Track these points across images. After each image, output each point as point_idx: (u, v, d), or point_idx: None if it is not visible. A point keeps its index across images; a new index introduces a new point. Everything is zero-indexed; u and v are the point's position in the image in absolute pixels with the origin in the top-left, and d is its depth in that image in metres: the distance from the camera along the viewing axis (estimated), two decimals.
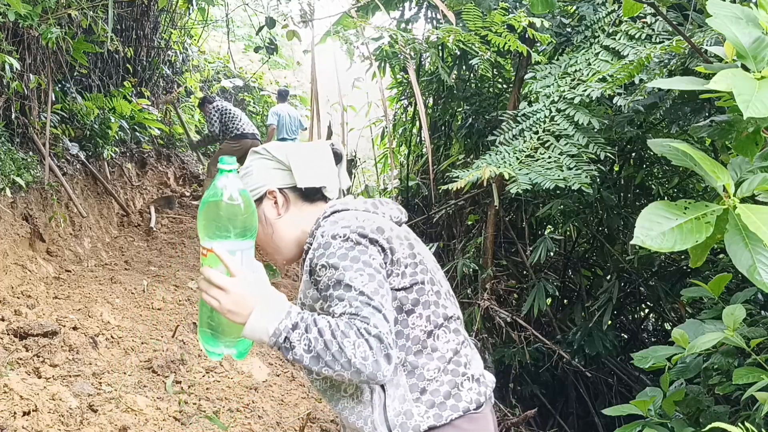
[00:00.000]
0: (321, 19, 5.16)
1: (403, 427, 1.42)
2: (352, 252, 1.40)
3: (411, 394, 1.44)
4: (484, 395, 1.51)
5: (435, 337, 1.49)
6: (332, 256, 1.40)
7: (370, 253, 1.42)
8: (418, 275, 1.48)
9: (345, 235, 1.42)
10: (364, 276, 1.36)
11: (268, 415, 3.46)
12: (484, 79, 5.41)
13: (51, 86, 5.02)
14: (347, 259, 1.39)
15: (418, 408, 1.43)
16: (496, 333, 4.72)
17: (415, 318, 1.47)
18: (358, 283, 1.35)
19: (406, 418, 1.43)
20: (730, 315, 2.20)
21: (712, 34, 2.81)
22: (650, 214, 1.47)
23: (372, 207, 1.58)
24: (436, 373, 1.46)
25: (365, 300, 1.33)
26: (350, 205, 1.56)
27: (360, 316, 1.30)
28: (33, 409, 2.72)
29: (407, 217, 1.66)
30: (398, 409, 1.43)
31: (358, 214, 1.51)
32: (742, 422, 1.83)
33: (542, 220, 5.22)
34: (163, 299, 4.52)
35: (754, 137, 1.65)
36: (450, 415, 1.44)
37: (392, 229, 1.51)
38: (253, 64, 11.25)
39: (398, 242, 1.48)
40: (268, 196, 1.57)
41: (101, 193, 6.08)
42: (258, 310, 1.32)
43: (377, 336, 1.28)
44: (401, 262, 1.47)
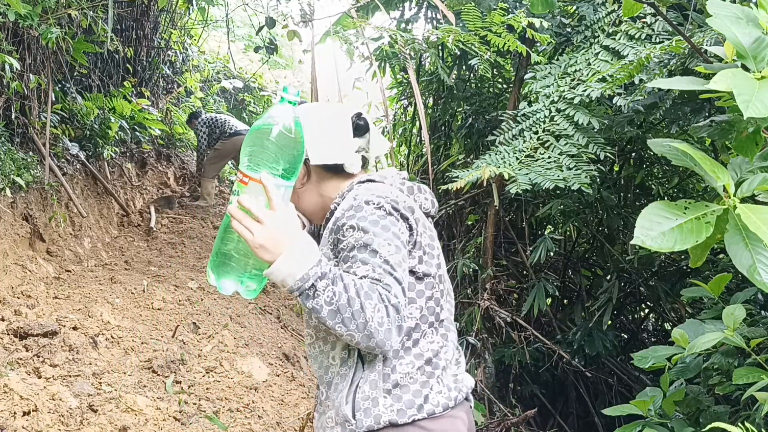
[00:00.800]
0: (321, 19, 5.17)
1: (366, 413, 1.42)
2: (383, 220, 1.40)
3: (383, 384, 1.43)
4: (454, 400, 1.48)
5: (421, 333, 1.48)
6: (363, 219, 1.39)
7: (400, 227, 1.42)
8: (432, 268, 1.49)
9: (379, 203, 1.42)
10: (391, 246, 1.37)
11: (268, 415, 3.46)
12: (484, 79, 5.41)
13: (51, 86, 5.02)
14: (378, 225, 1.39)
15: (385, 399, 1.42)
16: (496, 333, 4.72)
17: (412, 308, 1.47)
18: (385, 251, 1.35)
19: (371, 404, 1.42)
20: (730, 315, 2.20)
21: (712, 34, 2.81)
22: (650, 214, 1.47)
23: (408, 191, 1.58)
24: (409, 368, 1.45)
25: (389, 269, 1.33)
26: (387, 180, 1.56)
27: (383, 283, 1.30)
28: (33, 409, 2.72)
29: (436, 213, 1.66)
30: (367, 393, 1.43)
31: (393, 190, 1.50)
32: (742, 422, 1.83)
33: (542, 220, 5.22)
34: (163, 299, 4.52)
35: (754, 137, 1.65)
36: (414, 414, 1.42)
37: (418, 216, 1.51)
38: (253, 64, 11.25)
39: (423, 228, 1.49)
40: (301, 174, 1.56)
41: (101, 193, 6.08)
42: (290, 251, 1.28)
43: (395, 306, 1.30)
44: (422, 247, 1.47)
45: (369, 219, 1.39)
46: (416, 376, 1.45)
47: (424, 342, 1.48)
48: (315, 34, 5.11)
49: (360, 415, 1.41)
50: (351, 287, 1.27)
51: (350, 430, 1.42)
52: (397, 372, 1.44)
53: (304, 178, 1.56)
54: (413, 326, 1.47)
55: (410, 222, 1.45)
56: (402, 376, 1.44)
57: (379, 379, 1.43)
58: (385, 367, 1.44)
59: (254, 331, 4.57)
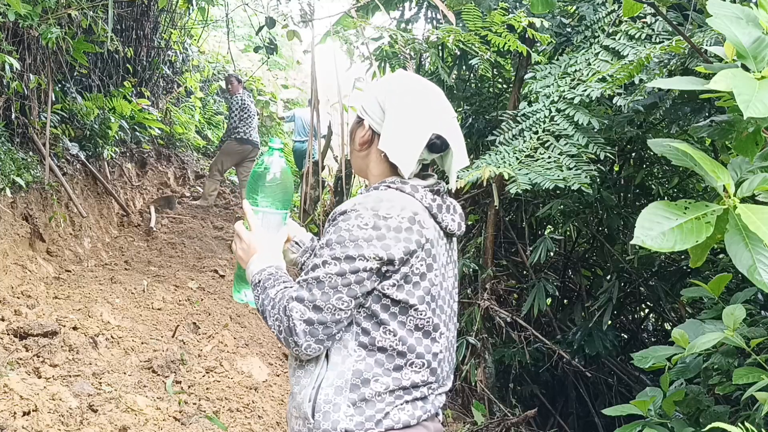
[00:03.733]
0: (321, 19, 5.16)
1: (325, 416, 1.43)
2: (362, 241, 1.41)
3: (349, 393, 1.43)
4: (417, 419, 1.47)
5: (408, 363, 1.46)
6: (339, 229, 1.44)
7: (379, 251, 1.40)
8: (413, 299, 1.45)
9: (367, 223, 1.42)
10: (339, 267, 1.41)
11: (268, 415, 3.46)
12: (484, 79, 5.41)
13: (51, 86, 5.02)
14: (345, 241, 1.42)
15: (348, 408, 1.42)
16: (496, 333, 4.72)
17: (388, 331, 1.45)
18: (324, 270, 1.42)
19: (332, 409, 1.43)
20: (730, 315, 2.20)
21: (712, 34, 2.81)
22: (650, 214, 1.47)
23: (436, 208, 1.53)
24: (382, 388, 1.44)
25: (310, 286, 1.43)
26: (418, 194, 1.51)
27: (292, 295, 1.44)
28: (33, 409, 2.72)
29: (462, 232, 1.63)
30: (330, 397, 1.43)
31: (413, 208, 1.47)
32: (742, 422, 1.83)
33: (542, 220, 5.22)
34: (163, 299, 4.52)
35: (754, 137, 1.65)
36: (371, 428, 1.42)
37: (425, 241, 1.46)
38: (253, 64, 11.25)
39: (419, 258, 1.45)
40: (365, 125, 1.58)
41: (101, 193, 6.08)
42: (252, 260, 1.60)
43: (289, 318, 1.42)
44: (403, 274, 1.44)
45: (353, 231, 1.42)
46: (389, 399, 1.44)
47: (408, 371, 1.46)
48: (315, 34, 5.12)
49: (319, 416, 1.43)
50: (267, 300, 1.50)
51: (308, 427, 1.46)
52: (369, 386, 1.43)
53: (365, 144, 1.59)
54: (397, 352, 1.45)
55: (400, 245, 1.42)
56: (372, 393, 1.43)
57: (346, 388, 1.43)
58: (355, 378, 1.44)
59: (254, 331, 4.57)
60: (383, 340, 1.44)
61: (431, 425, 1.52)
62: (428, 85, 1.60)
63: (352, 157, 1.68)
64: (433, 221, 1.51)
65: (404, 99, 1.53)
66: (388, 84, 1.57)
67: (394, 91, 1.55)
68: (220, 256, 5.88)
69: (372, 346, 1.44)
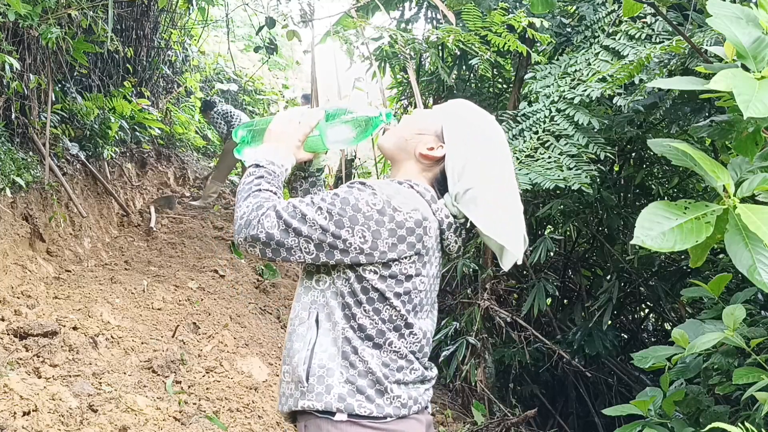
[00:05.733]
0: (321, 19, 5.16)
1: (320, 380, 1.46)
2: (362, 217, 1.43)
3: (341, 360, 1.47)
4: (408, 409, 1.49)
5: (387, 342, 1.49)
6: (356, 199, 1.45)
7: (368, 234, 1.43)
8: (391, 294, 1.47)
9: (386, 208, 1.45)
10: (325, 212, 1.44)
11: (268, 415, 3.46)
12: (484, 79, 5.41)
13: (51, 86, 5.02)
14: (355, 212, 1.44)
15: (341, 374, 1.46)
16: (496, 333, 4.72)
17: (365, 310, 1.47)
18: (312, 207, 1.46)
19: (326, 374, 1.46)
20: (730, 315, 2.20)
21: (712, 34, 2.81)
22: (650, 214, 1.48)
23: (447, 227, 1.54)
24: (369, 358, 1.47)
25: (293, 212, 1.46)
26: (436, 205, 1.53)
27: (274, 206, 1.48)
28: (33, 409, 2.72)
29: (459, 254, 1.66)
30: (324, 362, 1.46)
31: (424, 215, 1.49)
32: (742, 422, 1.83)
33: (542, 220, 5.22)
34: (163, 299, 4.52)
35: (754, 137, 1.65)
36: (363, 404, 1.44)
37: (424, 250, 1.49)
38: (253, 64, 11.25)
39: (410, 261, 1.47)
40: (437, 145, 1.58)
41: (101, 193, 6.08)
42: (279, 143, 1.65)
43: (257, 217, 1.47)
44: (390, 269, 1.46)
45: (359, 203, 1.45)
46: (375, 367, 1.46)
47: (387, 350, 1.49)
48: (315, 34, 5.11)
49: (313, 380, 1.46)
50: (255, 188, 1.54)
51: (301, 390, 1.48)
52: (357, 355, 1.47)
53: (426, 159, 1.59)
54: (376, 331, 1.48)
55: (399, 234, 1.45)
56: (361, 361, 1.46)
57: (338, 356, 1.47)
58: (345, 345, 1.47)
59: (254, 331, 4.57)
60: (362, 317, 1.48)
61: (423, 418, 1.54)
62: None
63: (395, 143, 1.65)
64: (437, 234, 1.53)
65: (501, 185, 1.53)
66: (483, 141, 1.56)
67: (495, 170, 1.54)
68: (220, 256, 5.88)
69: (354, 320, 1.48)
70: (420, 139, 1.60)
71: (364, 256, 1.45)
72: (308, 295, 1.54)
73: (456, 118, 1.60)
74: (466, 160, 1.52)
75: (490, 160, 1.53)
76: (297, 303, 1.57)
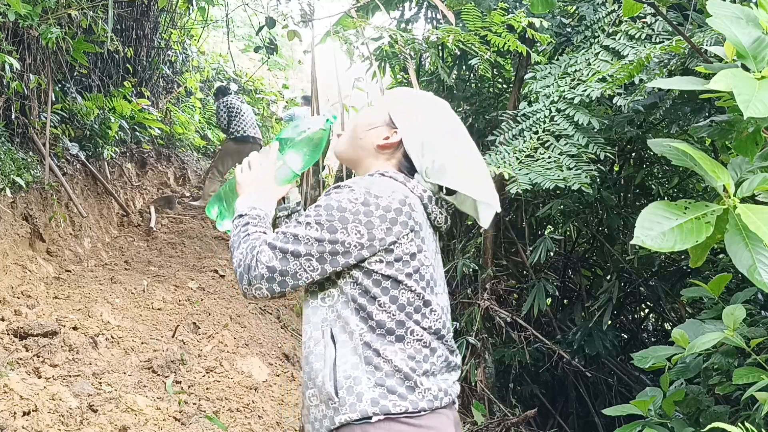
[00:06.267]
0: (321, 19, 5.15)
1: (349, 390, 1.44)
2: (349, 214, 1.45)
3: (364, 366, 1.45)
4: (440, 401, 1.49)
5: (408, 331, 1.48)
6: (337, 201, 1.47)
7: (361, 228, 1.45)
8: (402, 275, 1.48)
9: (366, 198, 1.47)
10: (317, 228, 1.45)
11: (268, 415, 3.46)
12: (484, 79, 5.41)
13: (51, 86, 5.02)
14: (332, 209, 1.46)
15: (369, 380, 1.44)
16: (496, 333, 4.72)
17: (381, 304, 1.47)
18: (301, 227, 1.47)
19: (354, 383, 1.44)
20: (730, 315, 2.20)
21: (712, 34, 2.81)
22: (650, 214, 1.48)
23: (428, 200, 1.58)
24: (393, 356, 1.46)
25: (285, 238, 1.48)
26: (410, 183, 1.57)
27: (265, 240, 1.51)
28: (33, 409, 2.72)
29: (447, 228, 1.68)
30: (348, 372, 1.45)
31: (405, 195, 1.52)
32: (742, 422, 1.83)
33: (542, 220, 5.22)
34: (163, 299, 4.52)
35: (754, 137, 1.65)
36: (397, 402, 1.43)
37: (417, 226, 1.51)
38: (253, 64, 11.25)
39: (408, 239, 1.49)
40: (391, 131, 1.62)
41: (101, 193, 6.08)
42: (250, 192, 1.69)
43: (254, 258, 1.49)
44: (394, 254, 1.47)
45: (342, 203, 1.46)
46: (400, 364, 1.46)
47: (410, 339, 1.49)
48: (315, 34, 5.11)
49: (343, 393, 1.44)
50: (242, 233, 1.57)
51: (333, 407, 1.45)
52: (380, 356, 1.46)
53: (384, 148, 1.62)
54: (397, 323, 1.48)
55: (386, 224, 1.46)
56: (385, 361, 1.45)
57: (361, 362, 1.45)
58: (366, 351, 1.46)
59: (254, 331, 4.57)
60: (379, 313, 1.47)
61: (451, 414, 1.54)
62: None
63: (351, 145, 1.68)
64: (422, 209, 1.56)
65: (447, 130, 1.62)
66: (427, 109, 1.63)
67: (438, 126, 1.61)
68: (220, 256, 5.88)
69: (371, 320, 1.47)
70: (373, 133, 1.63)
71: (366, 249, 1.46)
72: (317, 314, 1.53)
73: (399, 102, 1.66)
74: (423, 135, 1.58)
75: (443, 128, 1.61)
76: (307, 325, 1.56)
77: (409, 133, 1.59)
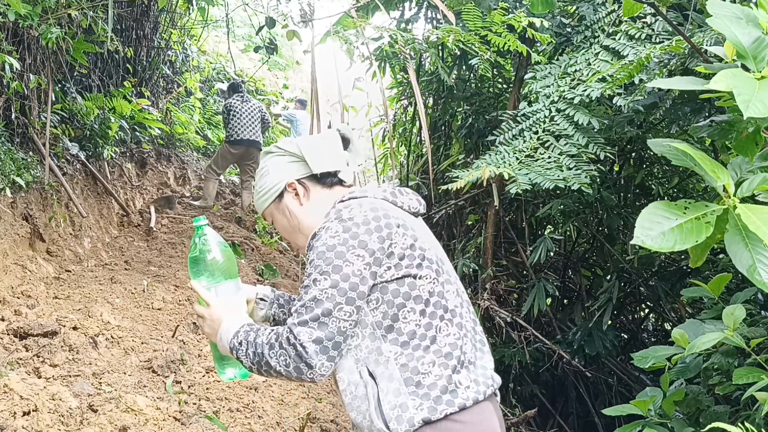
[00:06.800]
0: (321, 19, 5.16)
1: (399, 420, 1.44)
2: (340, 247, 1.46)
3: (406, 388, 1.46)
4: (483, 394, 1.50)
5: (437, 329, 1.50)
6: (323, 243, 1.48)
7: (358, 251, 1.46)
8: (413, 269, 1.49)
9: (344, 225, 1.49)
10: (330, 279, 1.45)
11: (268, 415, 3.46)
12: (484, 79, 5.41)
13: (51, 86, 5.02)
14: (333, 250, 1.47)
15: (414, 401, 1.45)
16: (496, 333, 4.72)
17: (407, 312, 1.48)
18: (317, 289, 1.45)
19: (401, 410, 1.45)
20: (730, 315, 2.20)
21: (712, 34, 2.81)
22: (650, 214, 1.47)
23: (391, 195, 1.63)
24: (431, 367, 1.47)
25: (310, 308, 1.45)
26: (369, 192, 1.62)
27: (290, 324, 1.46)
28: (33, 409, 2.72)
29: (425, 209, 1.70)
30: (393, 402, 1.46)
31: (371, 203, 1.55)
32: (742, 422, 1.83)
33: (542, 220, 5.22)
34: (163, 299, 4.51)
35: (754, 137, 1.65)
36: (445, 409, 1.44)
37: (400, 220, 1.53)
38: (253, 64, 11.25)
39: (400, 234, 1.50)
40: (288, 189, 1.67)
41: (101, 193, 6.08)
42: (220, 330, 1.60)
43: (294, 346, 1.44)
44: (396, 254, 1.49)
45: (328, 243, 1.47)
46: (438, 371, 1.47)
47: (441, 337, 1.50)
48: (315, 34, 5.11)
49: (393, 424, 1.45)
50: (260, 345, 1.50)
51: None
52: (419, 372, 1.46)
53: (304, 197, 1.66)
54: (425, 326, 1.49)
55: (380, 234, 1.48)
56: (424, 375, 1.46)
57: (402, 386, 1.46)
58: (404, 373, 1.46)
59: None
60: (407, 324, 1.48)
61: (491, 405, 1.54)
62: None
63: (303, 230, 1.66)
64: (394, 207, 1.60)
65: (306, 138, 1.73)
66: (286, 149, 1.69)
67: (292, 140, 1.71)
68: None
69: (402, 335, 1.48)
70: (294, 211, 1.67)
71: (374, 264, 1.47)
72: (348, 359, 1.51)
73: (261, 183, 1.71)
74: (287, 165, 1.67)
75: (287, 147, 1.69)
76: (341, 373, 1.53)
77: (286, 173, 1.66)
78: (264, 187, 1.69)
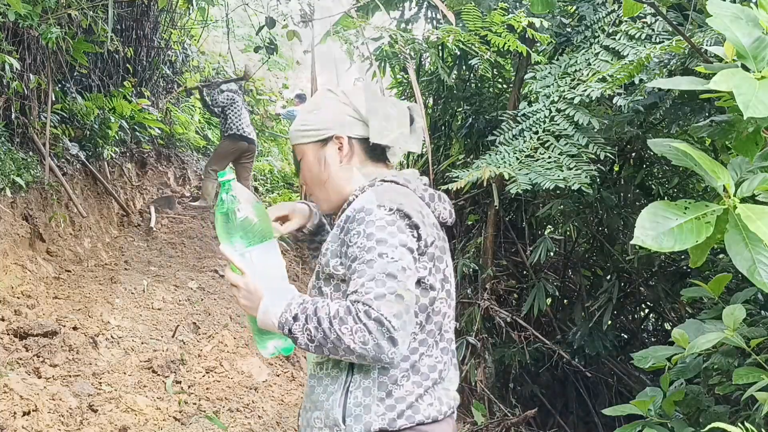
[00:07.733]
0: (321, 19, 5.15)
1: (357, 419, 1.40)
2: (391, 226, 1.38)
3: (378, 391, 1.42)
4: (443, 414, 1.48)
5: (426, 346, 1.46)
6: (371, 224, 1.38)
7: (408, 235, 1.40)
8: (437, 283, 1.46)
9: (391, 208, 1.40)
10: (395, 253, 1.35)
11: (268, 415, 3.46)
12: (484, 79, 5.41)
13: (51, 86, 5.02)
14: (384, 231, 1.37)
15: (378, 407, 1.41)
16: (496, 333, 4.72)
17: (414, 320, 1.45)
18: (383, 261, 1.33)
19: (363, 411, 1.41)
20: (730, 315, 2.20)
21: (712, 34, 2.81)
22: (650, 214, 1.47)
23: (429, 197, 1.56)
24: (405, 381, 1.43)
25: (381, 281, 1.32)
26: (411, 185, 1.53)
27: (365, 299, 1.31)
28: (33, 409, 2.72)
29: (453, 222, 1.64)
30: (359, 399, 1.41)
31: (409, 195, 1.48)
32: (742, 422, 1.83)
33: (542, 220, 5.22)
34: (163, 299, 4.52)
35: (754, 137, 1.65)
36: (404, 424, 1.41)
37: (433, 225, 1.50)
38: (253, 64, 11.22)
39: (432, 238, 1.46)
40: (335, 140, 1.54)
41: (101, 193, 6.08)
42: (263, 303, 1.40)
43: (377, 319, 1.28)
44: (433, 259, 1.45)
45: (377, 224, 1.38)
46: (411, 388, 1.43)
47: (425, 357, 1.46)
48: (315, 34, 5.11)
49: (350, 420, 1.40)
50: (324, 319, 1.31)
51: None
52: (395, 382, 1.43)
53: (346, 157, 1.54)
54: (419, 340, 1.45)
55: (420, 231, 1.42)
56: (398, 387, 1.42)
57: (374, 387, 1.42)
58: (381, 376, 1.42)
59: None
60: None
61: (452, 422, 1.53)
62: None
63: (327, 188, 1.57)
64: (429, 210, 1.54)
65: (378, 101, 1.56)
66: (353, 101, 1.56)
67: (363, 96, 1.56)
68: (220, 256, 5.87)
69: None
70: (329, 162, 1.55)
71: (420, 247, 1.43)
72: None
73: (306, 121, 1.58)
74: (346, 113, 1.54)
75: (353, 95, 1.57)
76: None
77: (340, 124, 1.54)
78: (311, 123, 1.55)
